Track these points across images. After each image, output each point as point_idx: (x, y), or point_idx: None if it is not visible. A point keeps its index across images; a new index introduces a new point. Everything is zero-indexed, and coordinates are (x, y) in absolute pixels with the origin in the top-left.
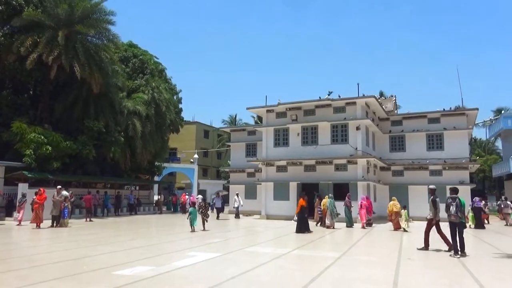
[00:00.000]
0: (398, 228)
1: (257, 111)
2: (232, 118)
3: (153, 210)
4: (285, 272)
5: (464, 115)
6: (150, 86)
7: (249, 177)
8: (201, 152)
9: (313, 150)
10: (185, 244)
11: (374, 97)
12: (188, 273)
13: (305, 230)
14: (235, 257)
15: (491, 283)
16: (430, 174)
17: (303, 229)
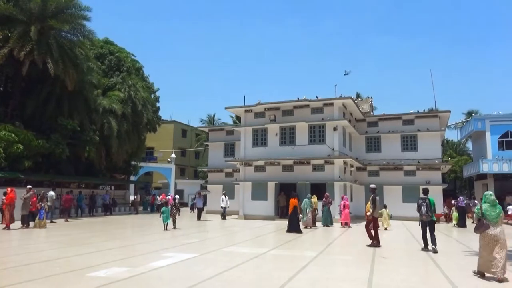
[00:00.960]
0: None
1: (235, 111)
2: (210, 118)
3: (129, 210)
4: (262, 272)
5: (437, 117)
6: (126, 84)
7: (227, 177)
8: (179, 152)
9: (291, 150)
10: (161, 245)
11: (351, 99)
12: (165, 274)
13: (295, 230)
14: (212, 258)
15: (460, 280)
16: (404, 175)
17: (293, 229)
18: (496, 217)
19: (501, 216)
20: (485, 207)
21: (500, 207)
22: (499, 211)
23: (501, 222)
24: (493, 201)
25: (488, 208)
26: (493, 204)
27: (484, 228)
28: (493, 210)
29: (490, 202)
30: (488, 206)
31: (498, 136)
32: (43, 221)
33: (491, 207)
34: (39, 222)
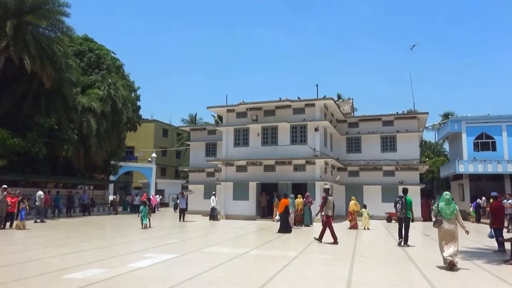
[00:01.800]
0: (355, 227)
1: (217, 110)
2: (192, 117)
3: (108, 210)
4: (243, 271)
5: (416, 119)
6: (106, 82)
7: (209, 176)
8: (160, 151)
9: (272, 151)
10: (141, 245)
11: (332, 100)
12: (144, 275)
13: (287, 230)
14: (192, 258)
15: (437, 277)
16: (383, 175)
17: (285, 229)
18: (451, 214)
19: (455, 213)
20: (441, 205)
21: (454, 205)
22: (453, 208)
23: (456, 218)
24: (448, 200)
25: (444, 206)
26: (448, 203)
27: (439, 223)
28: (448, 208)
29: (445, 201)
30: (444, 205)
31: (474, 137)
32: (23, 222)
33: (446, 205)
34: (20, 223)
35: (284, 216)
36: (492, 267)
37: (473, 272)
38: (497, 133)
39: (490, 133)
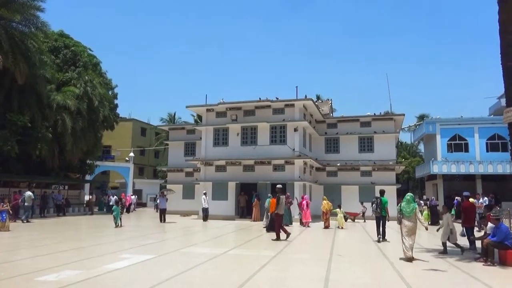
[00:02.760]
0: (328, 226)
1: (197, 109)
2: (171, 116)
3: (83, 210)
4: (221, 272)
5: (392, 120)
6: (82, 79)
7: (188, 176)
8: (138, 151)
9: (252, 150)
10: (117, 246)
11: (312, 100)
12: (120, 276)
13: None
14: (170, 259)
15: (410, 275)
16: (361, 175)
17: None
18: (410, 212)
19: (415, 211)
20: (403, 204)
21: (414, 204)
22: (413, 207)
23: (415, 216)
24: (408, 200)
25: (405, 205)
26: (409, 202)
27: (399, 220)
28: (408, 207)
29: (406, 201)
30: (405, 204)
31: (447, 139)
32: (5, 223)
33: (407, 204)
34: (1, 224)
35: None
36: (463, 265)
37: (444, 268)
38: (469, 134)
39: (463, 135)
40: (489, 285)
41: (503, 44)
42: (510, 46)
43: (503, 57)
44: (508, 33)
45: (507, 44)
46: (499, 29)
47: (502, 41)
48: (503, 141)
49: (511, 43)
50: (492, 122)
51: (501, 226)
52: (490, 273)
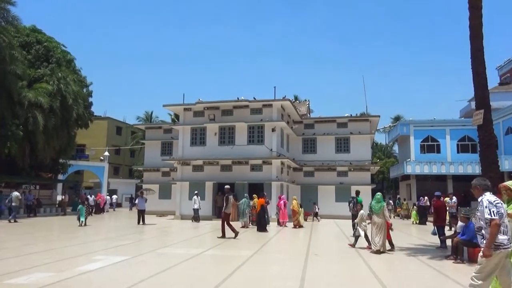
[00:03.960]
0: (297, 225)
1: (174, 109)
2: (147, 115)
3: (56, 211)
4: (197, 273)
5: (368, 121)
6: (55, 76)
7: (164, 176)
8: (113, 150)
9: (229, 150)
10: (91, 248)
11: (289, 101)
12: (94, 278)
13: (264, 229)
14: (145, 260)
15: (384, 274)
16: (337, 175)
17: (262, 228)
18: (378, 209)
19: (382, 209)
20: (373, 203)
21: (383, 203)
22: (381, 205)
23: (383, 213)
24: (378, 199)
25: (374, 204)
26: (378, 201)
27: (369, 217)
28: (377, 205)
29: (376, 200)
30: (375, 203)
31: (421, 140)
32: None
33: (376, 203)
34: None
35: (261, 216)
36: (434, 262)
37: (417, 267)
38: (441, 136)
39: (435, 136)
40: (458, 281)
41: (473, 48)
42: (479, 50)
43: (473, 61)
44: (477, 38)
45: (477, 48)
46: (470, 34)
47: (472, 45)
48: (472, 143)
49: (481, 47)
50: (462, 124)
51: (470, 224)
52: (459, 270)
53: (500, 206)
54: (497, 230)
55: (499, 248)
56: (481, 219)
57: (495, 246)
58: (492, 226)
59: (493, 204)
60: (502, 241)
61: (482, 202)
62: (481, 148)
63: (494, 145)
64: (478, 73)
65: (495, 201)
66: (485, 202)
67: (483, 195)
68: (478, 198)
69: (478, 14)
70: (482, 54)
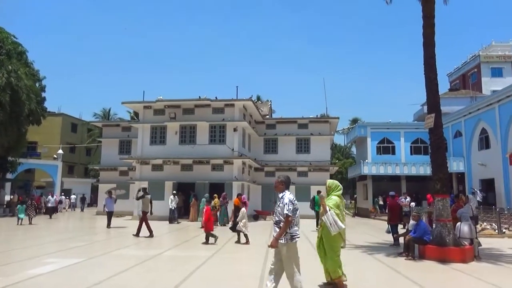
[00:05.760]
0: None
1: (133, 106)
2: (105, 112)
3: (3, 212)
4: (155, 274)
5: (328, 123)
6: (5, 69)
7: (122, 175)
8: (67, 148)
9: (190, 150)
10: (42, 250)
11: (252, 101)
12: (44, 282)
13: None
14: (100, 262)
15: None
16: (297, 175)
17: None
18: None
19: None
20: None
21: None
22: None
23: None
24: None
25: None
26: None
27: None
28: None
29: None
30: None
31: (377, 142)
32: None
33: None
34: None
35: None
36: (388, 259)
37: (371, 264)
38: (396, 138)
39: (390, 138)
40: (409, 277)
41: (426, 55)
42: (431, 57)
43: (426, 68)
44: (430, 46)
45: (429, 56)
46: (423, 42)
47: (425, 52)
48: (424, 145)
49: (433, 54)
50: (416, 127)
51: (421, 223)
52: (410, 266)
53: (296, 202)
54: (289, 225)
55: (294, 238)
56: (280, 214)
57: (291, 237)
58: (286, 221)
59: (292, 203)
60: (295, 232)
61: (283, 199)
62: (432, 150)
63: (443, 148)
64: (430, 79)
65: (294, 199)
66: (286, 199)
67: (285, 192)
68: (280, 193)
69: (431, 23)
70: (434, 61)
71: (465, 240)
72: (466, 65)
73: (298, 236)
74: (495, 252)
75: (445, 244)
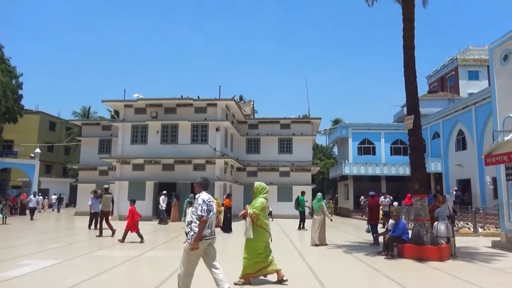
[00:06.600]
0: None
1: (114, 104)
2: (85, 111)
3: None
4: (134, 275)
5: (310, 123)
6: None
7: (102, 175)
8: (45, 146)
9: (172, 149)
10: (18, 252)
11: (234, 101)
12: (20, 284)
13: (229, 230)
14: (79, 263)
15: (320, 270)
16: (280, 175)
17: (227, 229)
18: (318, 208)
19: (321, 207)
20: (314, 202)
21: (322, 202)
22: (320, 204)
23: (322, 211)
24: (318, 199)
25: (315, 202)
26: (318, 200)
27: (310, 214)
28: (317, 205)
29: (317, 200)
30: (315, 202)
31: (358, 142)
32: None
33: (317, 202)
34: None
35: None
36: (368, 258)
37: (351, 263)
38: (376, 139)
39: (371, 139)
40: (388, 276)
41: (406, 58)
42: (411, 60)
43: (405, 70)
44: (409, 48)
45: (409, 58)
46: (403, 44)
47: (405, 55)
48: (404, 146)
49: (412, 57)
50: (396, 128)
51: (400, 222)
52: (389, 265)
53: (211, 204)
54: (204, 225)
55: (202, 240)
56: (194, 214)
57: None
58: (201, 222)
59: (205, 203)
60: (205, 234)
61: (198, 200)
62: (411, 151)
63: (422, 149)
64: (410, 81)
65: (208, 199)
66: (200, 200)
67: (201, 193)
68: (197, 194)
69: (411, 26)
70: (414, 63)
71: (442, 239)
72: (444, 68)
73: (207, 237)
74: (471, 251)
75: (423, 243)
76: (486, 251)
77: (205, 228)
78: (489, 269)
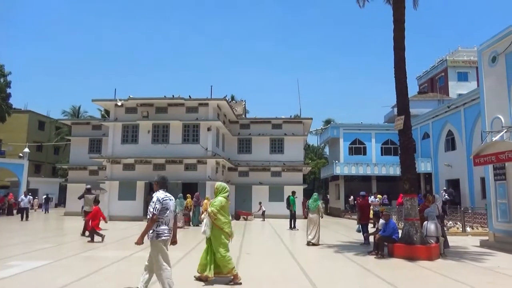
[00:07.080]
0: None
1: (104, 104)
2: (75, 110)
3: None
4: (124, 276)
5: (301, 123)
6: None
7: (92, 175)
8: (34, 146)
9: (163, 149)
10: (7, 252)
11: (226, 100)
12: (9, 286)
13: None
14: (69, 264)
15: (312, 270)
16: (271, 175)
17: None
18: (314, 207)
19: (317, 207)
20: (310, 202)
21: (318, 202)
22: (316, 204)
23: (318, 210)
24: (314, 198)
25: (311, 202)
26: (314, 200)
27: (305, 214)
28: (313, 204)
29: (313, 199)
30: (311, 202)
31: (349, 142)
32: None
33: (312, 202)
34: None
35: None
36: (358, 258)
37: (342, 262)
38: (367, 139)
39: (362, 139)
40: (378, 275)
41: (396, 59)
42: (401, 61)
43: (396, 71)
44: (400, 49)
45: (399, 59)
46: (394, 45)
47: (396, 56)
48: (394, 146)
49: (403, 58)
50: (386, 128)
51: (390, 222)
52: (380, 264)
53: (166, 202)
54: (153, 223)
55: (161, 236)
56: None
57: (157, 235)
58: (150, 219)
59: (160, 201)
60: (163, 231)
61: (153, 198)
62: (401, 151)
63: (412, 149)
64: (400, 81)
65: (164, 198)
66: (154, 198)
67: (157, 192)
68: (154, 192)
69: (401, 27)
70: (404, 64)
71: (432, 239)
72: (434, 69)
73: (166, 235)
74: (459, 250)
75: (413, 242)
76: (474, 250)
77: (162, 225)
78: (478, 268)
